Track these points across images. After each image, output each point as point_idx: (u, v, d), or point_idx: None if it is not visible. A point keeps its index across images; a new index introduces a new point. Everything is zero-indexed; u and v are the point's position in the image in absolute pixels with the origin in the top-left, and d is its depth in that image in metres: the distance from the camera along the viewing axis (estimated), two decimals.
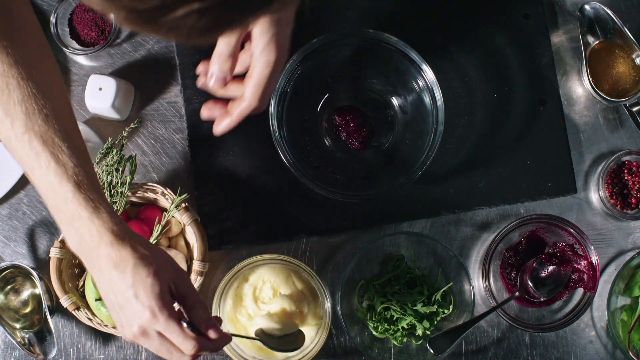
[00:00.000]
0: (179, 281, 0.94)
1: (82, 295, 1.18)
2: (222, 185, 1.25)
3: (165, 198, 1.18)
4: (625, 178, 1.25)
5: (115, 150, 1.19)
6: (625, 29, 1.23)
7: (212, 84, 1.09)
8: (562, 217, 1.22)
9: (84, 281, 1.17)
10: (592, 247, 1.21)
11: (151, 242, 1.09)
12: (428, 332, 1.22)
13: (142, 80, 1.28)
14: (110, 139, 1.23)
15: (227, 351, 1.20)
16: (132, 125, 1.23)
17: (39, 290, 1.22)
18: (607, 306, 1.22)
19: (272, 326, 1.16)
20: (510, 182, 1.25)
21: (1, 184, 1.25)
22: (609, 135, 1.28)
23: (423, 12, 1.27)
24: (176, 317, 0.91)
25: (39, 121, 0.90)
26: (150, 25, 0.59)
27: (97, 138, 1.26)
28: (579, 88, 1.28)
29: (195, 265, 1.17)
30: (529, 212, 1.26)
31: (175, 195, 1.17)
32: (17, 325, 1.23)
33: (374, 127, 1.25)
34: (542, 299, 1.22)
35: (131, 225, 1.13)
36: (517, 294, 1.22)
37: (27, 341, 1.22)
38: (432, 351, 1.17)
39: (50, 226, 1.27)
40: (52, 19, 1.25)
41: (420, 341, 1.23)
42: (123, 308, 0.91)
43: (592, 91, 1.25)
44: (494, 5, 1.28)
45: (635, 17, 1.29)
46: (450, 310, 1.23)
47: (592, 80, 1.24)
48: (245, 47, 1.11)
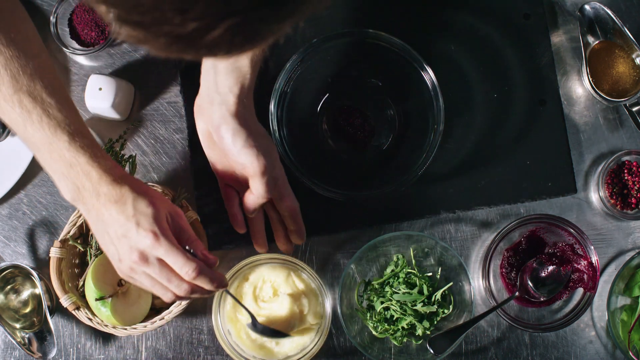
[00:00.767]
0: (175, 216, 0.98)
1: (82, 295, 1.18)
2: None
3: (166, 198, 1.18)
4: (625, 178, 1.25)
5: (115, 150, 1.19)
6: (625, 29, 1.23)
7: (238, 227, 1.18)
8: (562, 217, 1.22)
9: (84, 281, 1.17)
10: (592, 247, 1.21)
11: None
12: (428, 332, 1.22)
13: (142, 80, 1.28)
14: (110, 139, 1.23)
15: (227, 350, 1.20)
16: (132, 125, 1.23)
17: (39, 290, 1.22)
18: (607, 306, 1.22)
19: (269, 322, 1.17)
20: (510, 182, 1.25)
21: (1, 184, 1.25)
22: (609, 135, 1.28)
23: (423, 12, 1.27)
24: (176, 241, 0.95)
25: (25, 81, 0.92)
26: (192, 48, 0.58)
27: (97, 138, 1.26)
28: (579, 88, 1.28)
29: None
30: (529, 212, 1.26)
31: (175, 195, 1.17)
32: (17, 325, 1.23)
33: (374, 127, 1.25)
34: (542, 299, 1.22)
35: None
36: (517, 294, 1.21)
37: (27, 341, 1.22)
38: (432, 351, 1.17)
39: (50, 226, 1.27)
40: (52, 19, 1.25)
41: (420, 341, 1.23)
42: (121, 240, 0.94)
43: (592, 91, 1.25)
44: (494, 5, 1.28)
45: (635, 17, 1.29)
46: (450, 310, 1.23)
47: (592, 80, 1.24)
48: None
